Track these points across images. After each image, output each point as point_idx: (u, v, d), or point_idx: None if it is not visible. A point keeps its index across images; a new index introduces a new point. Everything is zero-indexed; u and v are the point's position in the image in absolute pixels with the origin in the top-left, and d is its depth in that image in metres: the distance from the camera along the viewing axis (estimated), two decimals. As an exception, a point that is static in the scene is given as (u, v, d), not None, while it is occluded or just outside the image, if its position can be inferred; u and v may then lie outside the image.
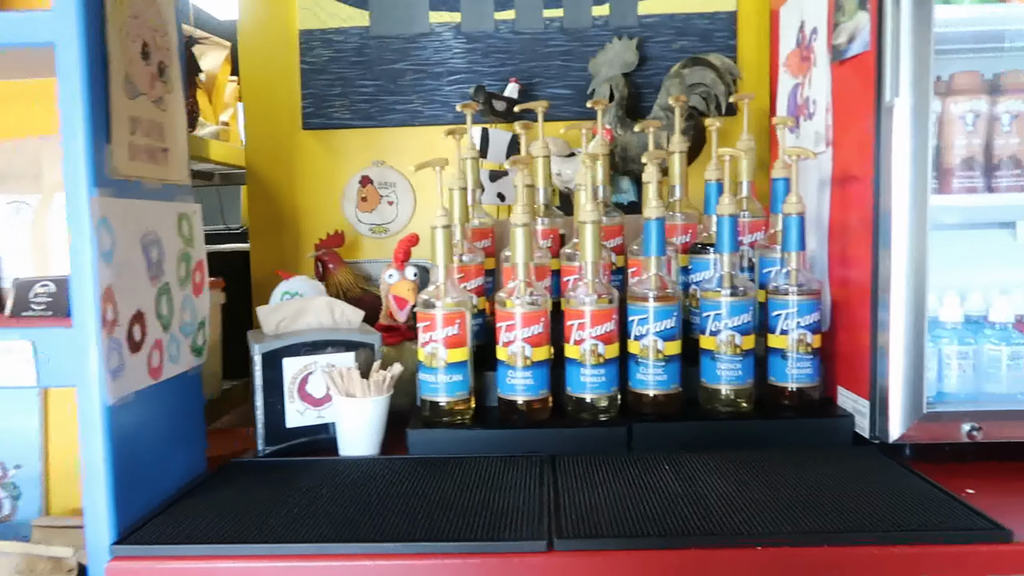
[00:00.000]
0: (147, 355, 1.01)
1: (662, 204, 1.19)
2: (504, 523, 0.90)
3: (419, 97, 1.71)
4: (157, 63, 1.06)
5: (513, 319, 1.17)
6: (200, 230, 1.18)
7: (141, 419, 1.00)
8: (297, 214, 1.76)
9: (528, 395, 1.19)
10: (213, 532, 0.91)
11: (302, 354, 1.22)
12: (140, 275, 0.99)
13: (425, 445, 1.18)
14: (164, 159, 1.08)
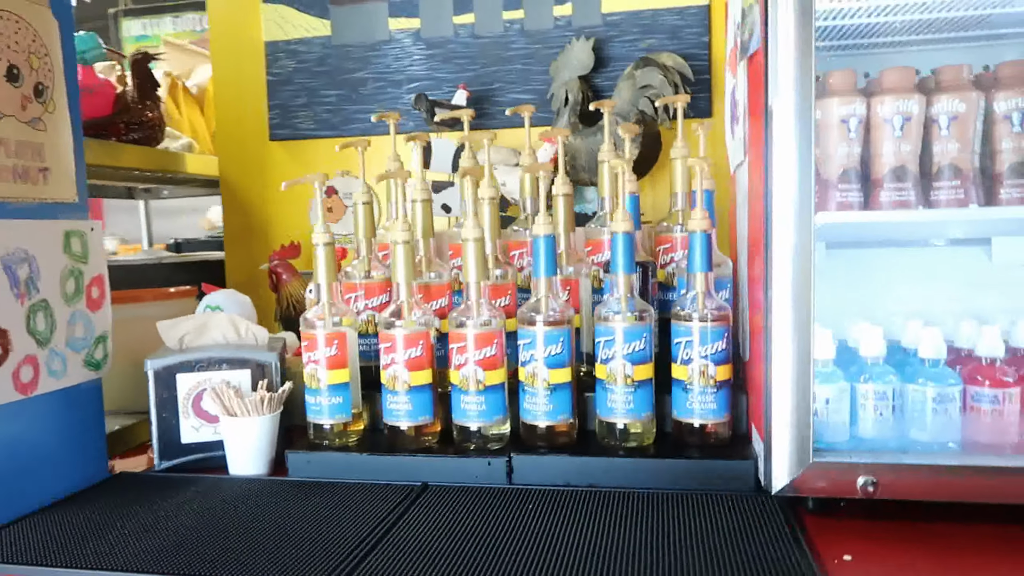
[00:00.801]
0: (13, 370, 1.04)
1: (549, 220, 1.10)
2: (306, 563, 0.85)
3: (380, 105, 1.68)
4: (32, 85, 1.08)
5: (393, 341, 1.12)
6: (98, 246, 1.20)
7: (5, 432, 1.03)
8: (269, 223, 1.78)
9: (410, 420, 1.13)
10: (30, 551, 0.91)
11: (196, 370, 1.22)
12: (2, 294, 1.02)
13: (304, 467, 1.15)
14: (43, 179, 1.10)
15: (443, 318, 1.17)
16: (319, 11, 1.69)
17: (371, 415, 1.21)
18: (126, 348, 1.27)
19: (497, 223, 1.21)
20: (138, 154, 1.64)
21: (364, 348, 1.23)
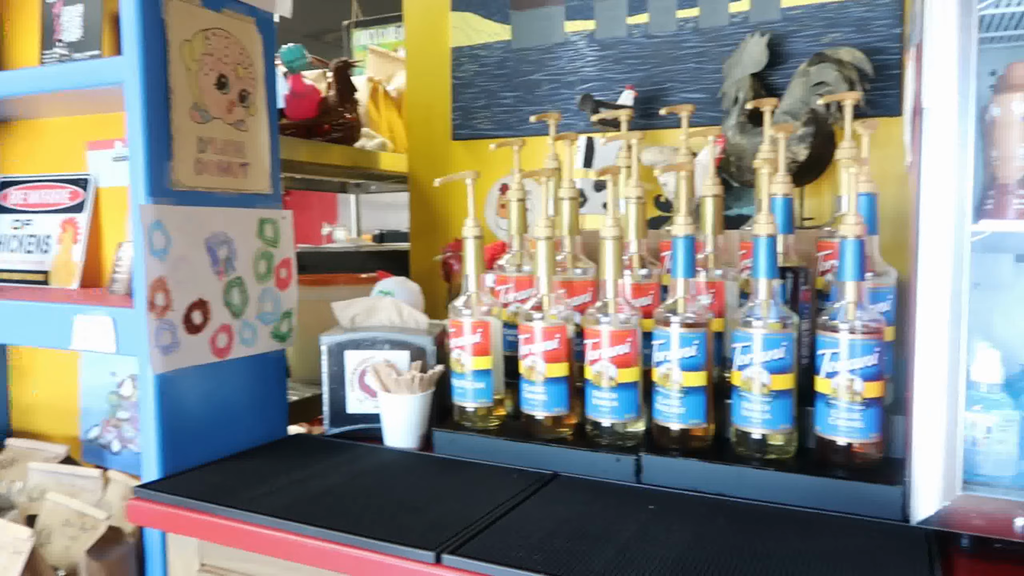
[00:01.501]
0: (210, 337, 1.21)
1: (690, 220, 1.08)
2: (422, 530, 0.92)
3: (554, 106, 1.73)
4: (238, 91, 1.25)
5: (532, 333, 1.16)
6: (288, 233, 1.36)
7: (202, 388, 1.21)
8: (448, 218, 1.90)
9: (545, 411, 1.17)
10: (213, 488, 1.06)
11: (362, 348, 1.34)
12: (203, 270, 1.19)
13: (447, 445, 1.22)
14: (243, 172, 1.27)
15: (584, 314, 1.19)
16: (501, 17, 1.77)
17: (514, 402, 1.26)
18: (318, 326, 1.41)
19: (643, 223, 1.21)
20: (338, 152, 1.83)
21: (512, 338, 1.28)
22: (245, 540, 0.98)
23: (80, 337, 1.18)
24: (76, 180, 1.54)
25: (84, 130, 1.54)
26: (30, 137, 1.61)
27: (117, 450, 1.54)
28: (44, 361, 1.65)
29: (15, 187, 1.61)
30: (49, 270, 1.53)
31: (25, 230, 1.58)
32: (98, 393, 1.55)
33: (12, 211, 1.61)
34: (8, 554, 1.04)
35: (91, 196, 1.52)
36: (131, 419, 1.52)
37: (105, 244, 1.53)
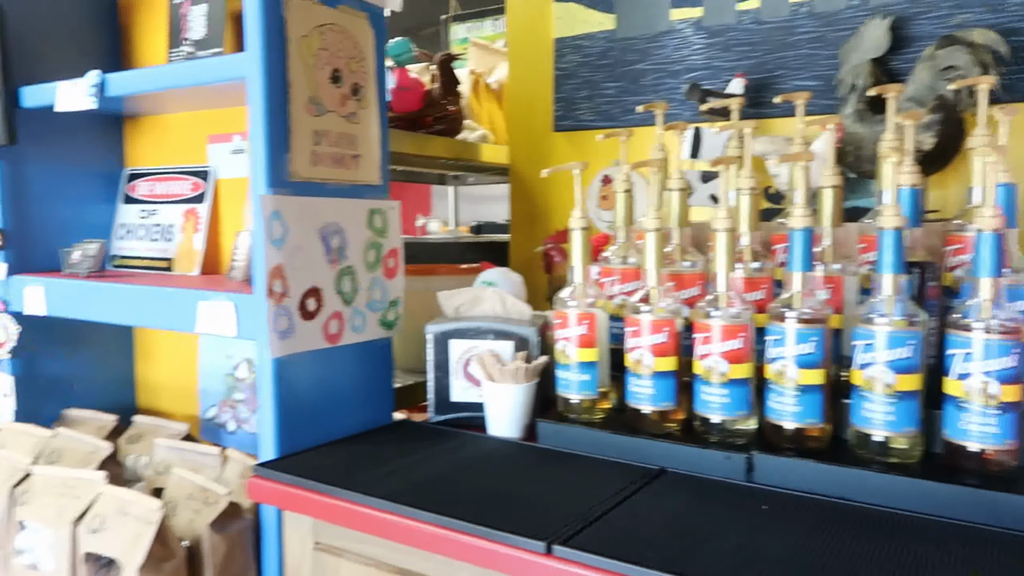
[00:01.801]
0: (322, 323, 1.25)
1: (809, 212, 1.04)
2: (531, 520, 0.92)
3: (658, 96, 1.70)
4: (350, 85, 1.28)
5: (638, 326, 1.14)
6: (396, 223, 1.39)
7: (315, 373, 1.25)
8: (549, 209, 1.90)
9: (652, 405, 1.15)
10: (327, 469, 1.10)
11: (467, 337, 1.35)
12: (317, 258, 1.23)
13: (551, 436, 1.22)
14: (354, 164, 1.30)
15: (693, 307, 1.16)
16: (605, 6, 1.75)
17: (620, 396, 1.25)
18: (420, 314, 1.44)
19: (755, 214, 1.17)
20: (441, 144, 1.85)
21: (617, 331, 1.27)
22: (359, 521, 1.01)
23: (204, 321, 1.24)
24: (197, 172, 1.62)
25: (205, 124, 1.61)
26: (155, 132, 1.70)
27: (232, 429, 1.61)
28: (167, 344, 1.74)
29: (142, 179, 1.71)
30: (172, 257, 1.62)
31: (151, 219, 1.67)
32: (216, 375, 1.63)
33: (139, 201, 1.70)
34: (140, 523, 1.10)
35: (211, 187, 1.60)
36: (245, 400, 1.59)
37: (223, 232, 1.60)
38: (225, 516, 1.16)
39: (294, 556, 1.12)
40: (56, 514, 1.20)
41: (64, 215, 1.65)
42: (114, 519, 1.13)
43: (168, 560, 1.10)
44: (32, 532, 1.22)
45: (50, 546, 1.19)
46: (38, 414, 1.61)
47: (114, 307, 1.38)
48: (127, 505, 1.14)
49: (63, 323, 1.56)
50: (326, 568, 1.08)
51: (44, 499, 1.23)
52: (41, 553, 1.21)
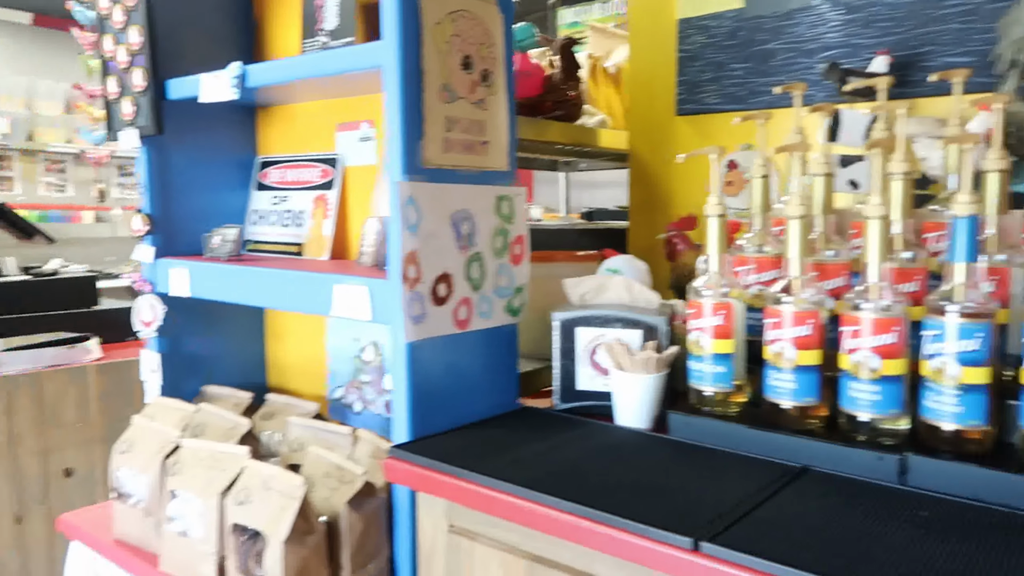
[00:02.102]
0: (452, 309, 1.26)
1: (974, 199, 0.96)
2: (671, 514, 0.90)
3: (789, 77, 1.62)
4: (480, 71, 1.28)
5: (780, 317, 1.10)
6: (522, 209, 1.38)
7: (445, 358, 1.26)
8: (670, 196, 1.85)
9: (793, 400, 1.10)
10: (461, 453, 1.11)
11: (594, 325, 1.34)
12: (448, 244, 1.24)
13: (683, 428, 1.20)
14: (483, 150, 1.30)
15: (837, 298, 1.11)
16: (734, -16, 1.68)
17: (754, 389, 1.21)
18: (537, 301, 1.44)
19: (909, 201, 1.10)
20: (560, 129, 1.83)
21: (752, 322, 1.23)
22: (496, 506, 1.01)
23: (339, 305, 1.27)
24: (326, 159, 1.67)
25: (333, 113, 1.65)
26: (286, 121, 1.76)
27: (359, 410, 1.66)
28: (296, 326, 1.81)
29: (273, 167, 1.77)
30: (303, 242, 1.67)
31: (282, 205, 1.73)
32: (343, 357, 1.68)
33: (271, 188, 1.76)
34: (284, 498, 1.14)
35: (340, 174, 1.64)
36: (371, 382, 1.63)
37: (351, 219, 1.64)
38: (361, 495, 1.20)
39: (427, 537, 1.14)
40: (205, 485, 1.27)
41: (202, 202, 1.73)
42: (259, 493, 1.19)
43: (310, 534, 1.14)
44: (182, 501, 1.29)
45: (199, 515, 1.26)
46: (181, 390, 1.70)
47: (253, 290, 1.43)
48: (271, 480, 1.19)
49: (202, 304, 1.64)
50: (460, 551, 1.09)
51: (193, 470, 1.30)
52: (191, 521, 1.28)
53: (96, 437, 2.27)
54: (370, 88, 1.48)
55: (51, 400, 2.17)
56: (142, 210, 1.64)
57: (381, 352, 1.60)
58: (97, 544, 1.49)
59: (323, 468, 1.27)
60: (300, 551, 1.13)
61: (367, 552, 1.21)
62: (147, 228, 1.63)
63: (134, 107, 1.58)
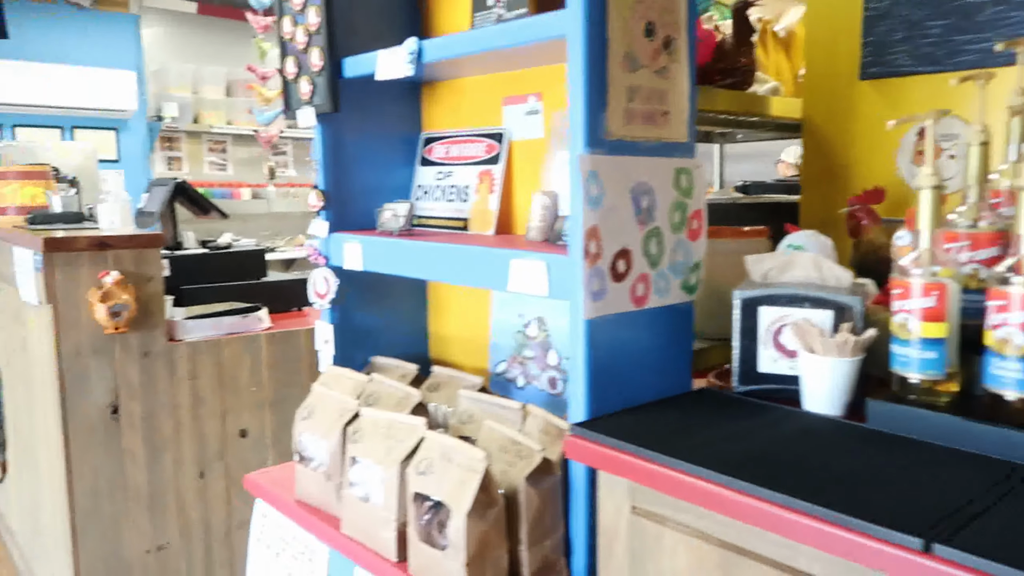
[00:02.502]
0: (630, 285, 1.23)
1: None
2: (889, 511, 0.83)
3: (998, 34, 1.46)
4: (662, 38, 1.23)
5: (1007, 299, 0.99)
6: (701, 183, 1.32)
7: (621, 336, 1.23)
8: (850, 167, 1.73)
9: (1021, 392, 1.00)
10: (640, 438, 1.08)
11: (779, 304, 1.27)
12: (627, 219, 1.21)
13: (883, 418, 1.11)
14: (664, 121, 1.25)
15: (1078, 279, 0.99)
16: (934, -69, 1.53)
17: (967, 378, 1.11)
18: (705, 278, 1.38)
19: None
20: (729, 98, 1.75)
21: (967, 304, 1.12)
22: (685, 490, 0.98)
23: (515, 280, 1.27)
24: (492, 134, 1.66)
25: (499, 87, 1.64)
26: (451, 96, 1.77)
27: (522, 385, 1.66)
28: (458, 300, 1.83)
29: (438, 142, 1.79)
30: (468, 217, 1.68)
31: (446, 181, 1.75)
32: (507, 331, 1.68)
33: (435, 164, 1.79)
34: (464, 471, 1.16)
35: (505, 149, 1.63)
36: (535, 358, 1.62)
37: (516, 193, 1.63)
38: (539, 471, 1.19)
39: (609, 517, 1.12)
40: (385, 453, 1.31)
41: (370, 178, 1.78)
42: (439, 464, 1.20)
43: (491, 507, 1.15)
44: (363, 468, 1.34)
45: (380, 481, 1.30)
46: (352, 360, 1.77)
47: (426, 264, 1.45)
48: (451, 452, 1.20)
49: (369, 277, 1.69)
50: (646, 535, 1.06)
51: (372, 439, 1.35)
52: (372, 487, 1.32)
53: (266, 401, 2.40)
54: (540, 60, 1.46)
55: (228, 365, 2.31)
56: (317, 186, 1.70)
57: (546, 328, 1.59)
58: (280, 503, 1.57)
59: (498, 442, 1.27)
60: (481, 524, 1.14)
61: (543, 528, 1.21)
62: (322, 203, 1.69)
63: (311, 86, 1.63)
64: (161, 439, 2.21)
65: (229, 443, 2.35)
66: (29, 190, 2.69)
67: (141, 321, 2.11)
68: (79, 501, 2.09)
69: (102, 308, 2.01)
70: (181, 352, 2.22)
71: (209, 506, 2.32)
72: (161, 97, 5.38)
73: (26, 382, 2.42)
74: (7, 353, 2.68)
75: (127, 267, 2.08)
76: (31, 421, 2.42)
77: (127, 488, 2.17)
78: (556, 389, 1.58)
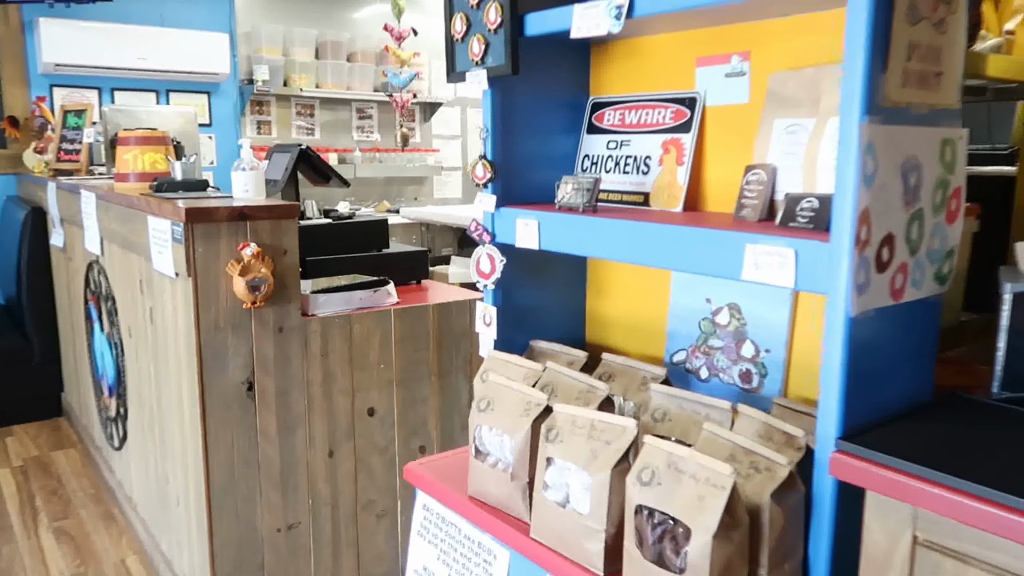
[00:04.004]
0: (891, 276, 1.06)
1: None
2: None
3: None
4: (945, -16, 1.04)
5: None
6: (963, 156, 1.14)
7: (878, 335, 1.07)
8: (1085, 138, 1.51)
9: None
10: (927, 457, 0.93)
11: (1061, 301, 1.09)
12: (895, 200, 1.04)
13: None
14: (936, 84, 1.07)
15: None
16: None
17: None
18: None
19: None
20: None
21: None
22: (1006, 527, 0.82)
23: (751, 267, 1.11)
24: (680, 99, 1.49)
25: (693, 45, 1.47)
26: (630, 57, 1.60)
27: (705, 377, 1.51)
28: (623, 280, 1.68)
29: (610, 107, 1.63)
30: (649, 191, 1.53)
31: (621, 151, 1.59)
32: (688, 317, 1.53)
33: (606, 132, 1.63)
34: (704, 486, 1.02)
35: (698, 115, 1.46)
36: (724, 348, 1.47)
37: (709, 165, 1.47)
38: (783, 487, 1.05)
39: (878, 547, 0.97)
40: (591, 457, 1.18)
41: (534, 147, 1.63)
42: (667, 474, 1.07)
43: (735, 529, 1.01)
44: (562, 470, 1.22)
45: (584, 487, 1.17)
46: (511, 343, 1.65)
47: (626, 245, 1.31)
48: (679, 461, 1.07)
49: (530, 255, 1.56)
50: (940, 571, 0.91)
51: (572, 438, 1.22)
52: (574, 492, 1.20)
53: (394, 379, 2.31)
54: (751, 14, 1.28)
55: (358, 342, 2.22)
56: (484, 156, 1.57)
57: (741, 316, 1.44)
58: (449, 499, 1.47)
59: (724, 450, 1.13)
60: (727, 547, 1.00)
61: (784, 550, 1.07)
62: (490, 175, 1.55)
63: (483, 45, 1.48)
64: (293, 416, 2.14)
65: (357, 421, 2.27)
66: (149, 156, 2.63)
67: (276, 295, 2.03)
68: (215, 477, 2.03)
69: (241, 282, 1.93)
70: (314, 328, 2.13)
71: (337, 486, 2.26)
72: (252, 60, 5.32)
73: (153, 354, 2.38)
74: (129, 323, 2.64)
75: (264, 239, 2.00)
76: (158, 393, 2.39)
77: (260, 465, 2.11)
78: (751, 384, 1.43)
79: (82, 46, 4.62)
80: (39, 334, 4.04)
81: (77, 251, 3.37)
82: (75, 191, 3.10)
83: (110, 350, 2.91)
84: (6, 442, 3.84)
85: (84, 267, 3.25)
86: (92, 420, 3.53)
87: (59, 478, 3.41)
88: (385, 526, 2.36)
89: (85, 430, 3.71)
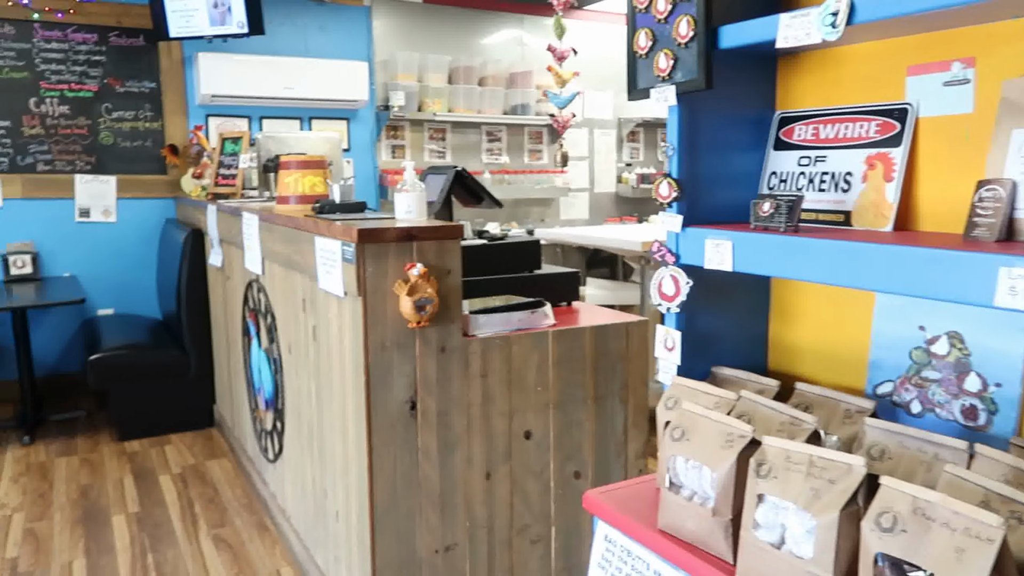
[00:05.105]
0: None
1: None
2: None
3: None
4: None
5: None
6: None
7: None
8: None
9: None
10: None
11: None
12: None
13: None
14: None
15: None
16: None
17: None
18: None
19: None
20: None
21: None
22: None
23: (1006, 293, 1.00)
24: (888, 111, 1.39)
25: (902, 53, 1.37)
26: (825, 68, 1.51)
27: (917, 412, 1.38)
28: (812, 303, 1.58)
29: (801, 122, 1.54)
30: (851, 210, 1.43)
31: (816, 167, 1.50)
32: (896, 346, 1.41)
33: (798, 147, 1.54)
34: (964, 537, 0.91)
35: (910, 127, 1.35)
36: (942, 381, 1.34)
37: (921, 181, 1.36)
38: (1055, 541, 0.93)
39: None
40: (812, 497, 1.09)
41: (718, 164, 1.56)
42: (912, 521, 0.97)
43: (1003, 588, 0.90)
44: (776, 509, 1.13)
45: (807, 530, 1.09)
46: (693, 370, 1.57)
47: (839, 267, 1.21)
48: (926, 508, 0.97)
49: (712, 276, 1.49)
50: None
51: (788, 476, 1.13)
52: (792, 534, 1.11)
53: (551, 402, 2.28)
54: (972, 17, 1.17)
55: (516, 363, 2.20)
56: (668, 174, 1.51)
57: (964, 346, 1.31)
58: (635, 532, 1.40)
59: (971, 495, 1.02)
60: (995, 607, 0.89)
61: (1054, 613, 0.95)
62: (675, 194, 1.49)
63: (671, 60, 1.43)
64: (453, 437, 2.14)
65: (514, 444, 2.24)
66: (309, 179, 2.73)
67: (440, 315, 2.04)
68: (378, 496, 2.05)
69: (407, 302, 1.94)
70: (474, 348, 2.13)
71: (493, 509, 2.23)
72: (388, 86, 5.50)
73: (315, 371, 2.44)
74: (289, 341, 2.73)
75: (429, 259, 2.01)
76: (319, 409, 2.44)
77: (421, 485, 2.11)
78: (977, 421, 1.30)
79: (235, 78, 4.90)
80: (195, 348, 4.27)
81: (236, 270, 3.54)
82: (236, 213, 3.26)
83: (268, 365, 3.03)
84: (165, 450, 4.07)
85: (243, 286, 3.41)
86: (244, 432, 3.68)
87: (215, 486, 3.58)
88: (539, 552, 2.32)
89: (237, 441, 3.87)
